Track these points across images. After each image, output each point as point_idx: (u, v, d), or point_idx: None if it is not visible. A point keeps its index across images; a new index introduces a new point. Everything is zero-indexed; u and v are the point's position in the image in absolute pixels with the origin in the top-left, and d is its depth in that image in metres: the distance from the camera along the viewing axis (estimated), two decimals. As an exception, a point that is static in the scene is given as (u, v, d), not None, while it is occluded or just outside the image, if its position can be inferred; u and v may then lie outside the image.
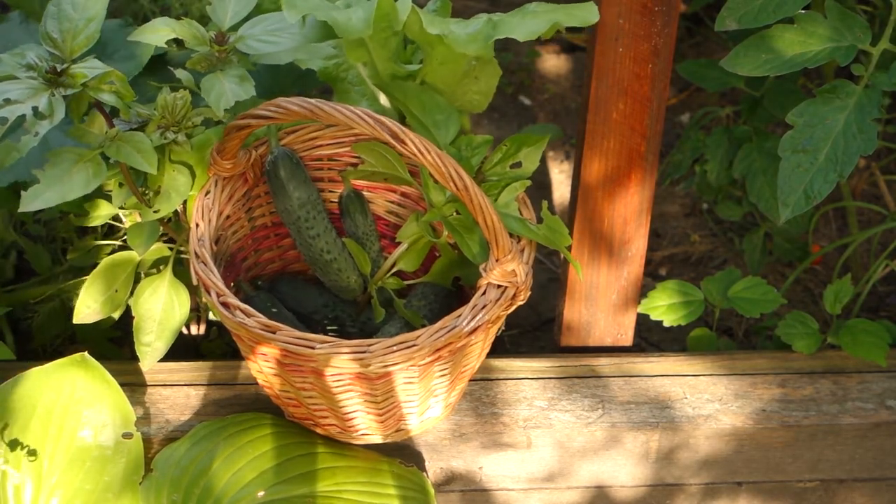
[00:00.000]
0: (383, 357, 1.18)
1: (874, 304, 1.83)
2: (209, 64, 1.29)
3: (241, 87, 1.27)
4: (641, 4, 1.30)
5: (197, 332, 1.59)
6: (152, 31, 1.29)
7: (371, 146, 1.34)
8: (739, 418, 1.44)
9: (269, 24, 1.31)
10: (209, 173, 1.33)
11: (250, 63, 1.32)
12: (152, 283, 1.39)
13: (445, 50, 1.27)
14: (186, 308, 1.39)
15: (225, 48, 1.29)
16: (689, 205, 2.01)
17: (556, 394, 1.46)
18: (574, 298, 1.51)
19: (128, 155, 1.24)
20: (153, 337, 1.38)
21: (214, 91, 1.26)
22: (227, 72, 1.28)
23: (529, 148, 1.33)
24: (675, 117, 2.16)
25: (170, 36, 1.28)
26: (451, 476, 1.45)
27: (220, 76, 1.27)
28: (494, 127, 2.15)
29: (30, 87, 1.19)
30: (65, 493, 1.29)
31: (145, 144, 1.25)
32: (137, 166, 1.24)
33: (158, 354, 1.38)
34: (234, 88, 1.26)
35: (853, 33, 1.34)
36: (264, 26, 1.31)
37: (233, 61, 1.29)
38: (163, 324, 1.38)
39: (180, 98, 1.28)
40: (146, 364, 1.37)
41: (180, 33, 1.29)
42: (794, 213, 1.33)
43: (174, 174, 1.31)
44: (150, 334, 1.37)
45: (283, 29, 1.30)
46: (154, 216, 1.31)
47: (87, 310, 1.40)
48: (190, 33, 1.29)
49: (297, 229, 1.39)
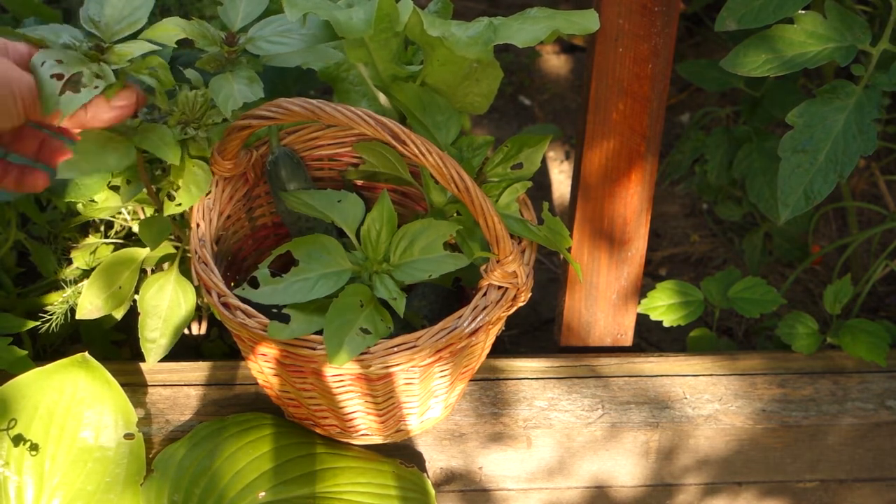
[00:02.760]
0: (384, 358, 1.18)
1: (874, 304, 1.83)
2: (218, 64, 1.30)
3: (250, 88, 1.28)
4: (641, 4, 1.30)
5: (198, 332, 1.59)
6: (164, 30, 1.29)
7: (372, 146, 1.34)
8: (739, 418, 1.44)
9: (277, 25, 1.31)
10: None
11: (260, 65, 1.32)
12: (159, 280, 1.39)
13: (446, 52, 1.27)
14: (192, 305, 1.39)
15: (235, 49, 1.29)
16: (689, 205, 2.01)
17: (556, 394, 1.46)
18: (574, 299, 1.51)
19: (153, 144, 1.25)
20: (158, 333, 1.38)
21: (223, 92, 1.26)
22: (236, 73, 1.28)
23: (530, 149, 1.34)
24: (675, 117, 2.16)
25: (180, 36, 1.28)
26: (451, 476, 1.45)
27: (229, 77, 1.28)
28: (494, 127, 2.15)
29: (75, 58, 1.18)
30: (66, 493, 1.30)
31: (169, 136, 1.26)
32: (163, 156, 1.24)
33: (163, 351, 1.38)
34: (243, 90, 1.27)
35: (853, 33, 1.34)
36: (274, 27, 1.31)
37: (242, 62, 1.30)
38: (168, 321, 1.38)
39: (201, 96, 1.29)
40: (151, 360, 1.38)
41: (191, 33, 1.29)
42: (794, 213, 1.33)
43: (194, 169, 1.32)
44: (156, 331, 1.38)
45: (292, 30, 1.30)
46: (177, 209, 1.32)
47: (89, 306, 1.40)
48: (200, 33, 1.30)
49: (298, 230, 1.40)
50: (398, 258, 1.24)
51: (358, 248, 1.26)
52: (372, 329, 1.18)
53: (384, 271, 1.24)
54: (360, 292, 1.20)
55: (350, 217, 1.28)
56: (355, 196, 1.30)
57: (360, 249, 1.26)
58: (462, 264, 1.23)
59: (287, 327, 1.18)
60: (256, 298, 1.20)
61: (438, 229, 1.24)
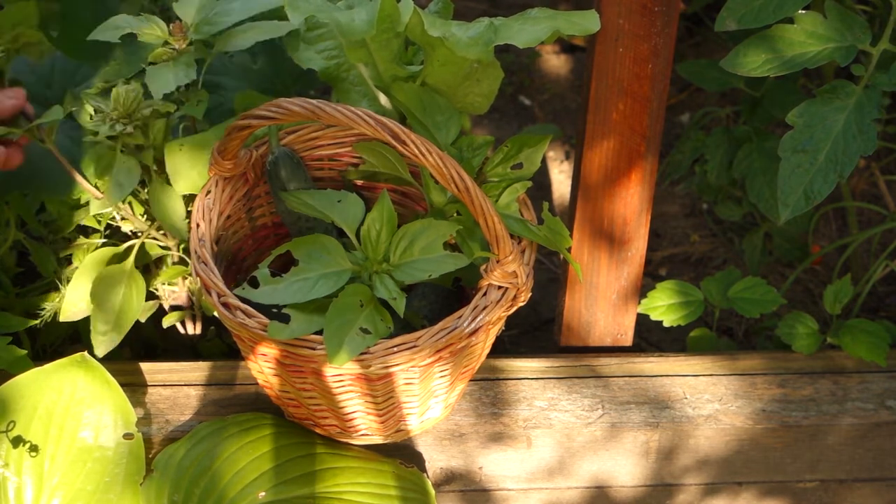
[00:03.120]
0: (384, 358, 1.18)
1: (874, 304, 1.83)
2: (169, 56, 1.32)
3: (186, 73, 1.31)
4: (641, 4, 1.30)
5: (193, 331, 1.59)
6: (111, 27, 1.33)
7: (372, 146, 1.34)
8: (739, 418, 1.44)
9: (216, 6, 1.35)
10: (210, 173, 1.33)
11: (206, 52, 1.34)
12: (111, 274, 1.41)
13: (446, 52, 1.27)
14: (143, 298, 1.41)
15: (181, 39, 1.33)
16: (689, 205, 2.01)
17: (556, 394, 1.46)
18: (574, 299, 1.51)
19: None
20: (109, 326, 1.39)
21: (159, 79, 1.30)
22: (177, 60, 1.31)
23: (530, 149, 1.34)
24: (675, 117, 2.16)
25: (124, 31, 1.31)
26: (451, 476, 1.45)
27: (170, 66, 1.31)
28: (494, 127, 2.15)
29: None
30: (66, 493, 1.30)
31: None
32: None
33: (113, 344, 1.39)
34: (179, 75, 1.30)
35: (853, 33, 1.34)
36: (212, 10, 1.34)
37: (189, 51, 1.33)
38: (120, 314, 1.39)
39: (132, 91, 1.31)
40: (100, 352, 1.39)
41: (136, 29, 1.32)
42: (794, 213, 1.33)
43: (123, 165, 1.34)
44: (107, 324, 1.39)
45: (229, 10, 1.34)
46: (103, 207, 1.35)
47: (74, 308, 1.41)
48: (147, 29, 1.33)
49: (298, 230, 1.40)
50: (398, 258, 1.24)
51: (358, 248, 1.26)
52: (372, 329, 1.18)
53: (384, 271, 1.24)
54: (360, 292, 1.20)
55: (350, 217, 1.28)
56: (355, 196, 1.30)
57: (360, 249, 1.26)
58: (462, 264, 1.23)
59: (287, 327, 1.18)
60: (256, 298, 1.20)
61: (438, 229, 1.24)
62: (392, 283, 1.23)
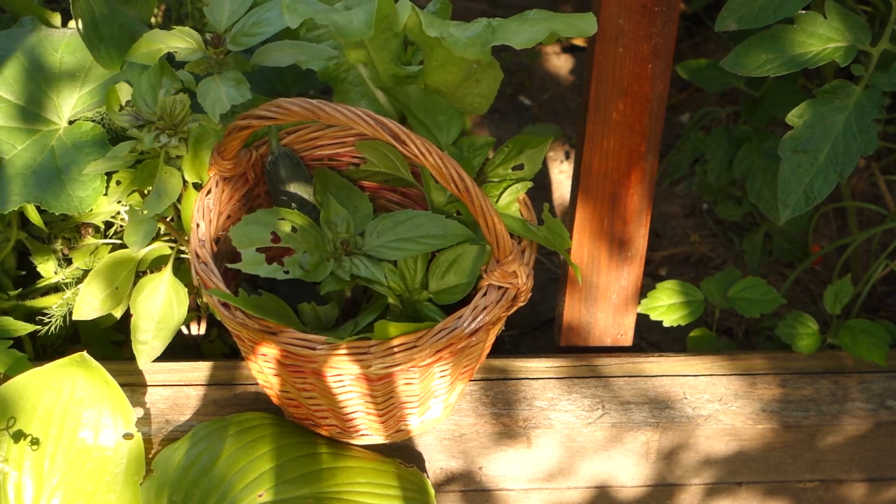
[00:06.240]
0: (384, 358, 1.18)
1: (874, 304, 1.83)
2: (207, 66, 1.29)
3: (238, 90, 1.27)
4: (641, 5, 1.30)
5: (197, 332, 1.59)
6: (147, 46, 1.29)
7: (374, 146, 1.34)
8: (739, 418, 1.44)
9: (256, 16, 1.32)
10: (210, 173, 1.33)
11: (248, 65, 1.32)
12: (152, 282, 1.39)
13: (445, 52, 1.27)
14: (185, 307, 1.39)
15: (221, 50, 1.29)
16: (689, 205, 2.01)
17: (556, 394, 1.46)
18: (574, 299, 1.51)
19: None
20: (151, 335, 1.38)
21: (210, 96, 1.26)
22: (224, 75, 1.28)
23: (532, 150, 1.34)
24: (675, 117, 2.16)
25: (163, 52, 1.28)
26: (451, 476, 1.45)
27: (216, 80, 1.27)
28: (494, 127, 2.15)
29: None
30: (65, 493, 1.30)
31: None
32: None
33: (155, 353, 1.38)
34: (231, 92, 1.27)
35: (853, 33, 1.34)
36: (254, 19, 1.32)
37: (229, 63, 1.30)
38: (161, 322, 1.38)
39: (179, 101, 1.29)
40: (142, 362, 1.38)
41: (172, 46, 1.29)
42: (794, 213, 1.33)
43: (166, 176, 1.32)
44: (148, 332, 1.38)
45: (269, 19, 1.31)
46: (144, 217, 1.32)
47: (86, 307, 1.40)
48: (183, 43, 1.30)
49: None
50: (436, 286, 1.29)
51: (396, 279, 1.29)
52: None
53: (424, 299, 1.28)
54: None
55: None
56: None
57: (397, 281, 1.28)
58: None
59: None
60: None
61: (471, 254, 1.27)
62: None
